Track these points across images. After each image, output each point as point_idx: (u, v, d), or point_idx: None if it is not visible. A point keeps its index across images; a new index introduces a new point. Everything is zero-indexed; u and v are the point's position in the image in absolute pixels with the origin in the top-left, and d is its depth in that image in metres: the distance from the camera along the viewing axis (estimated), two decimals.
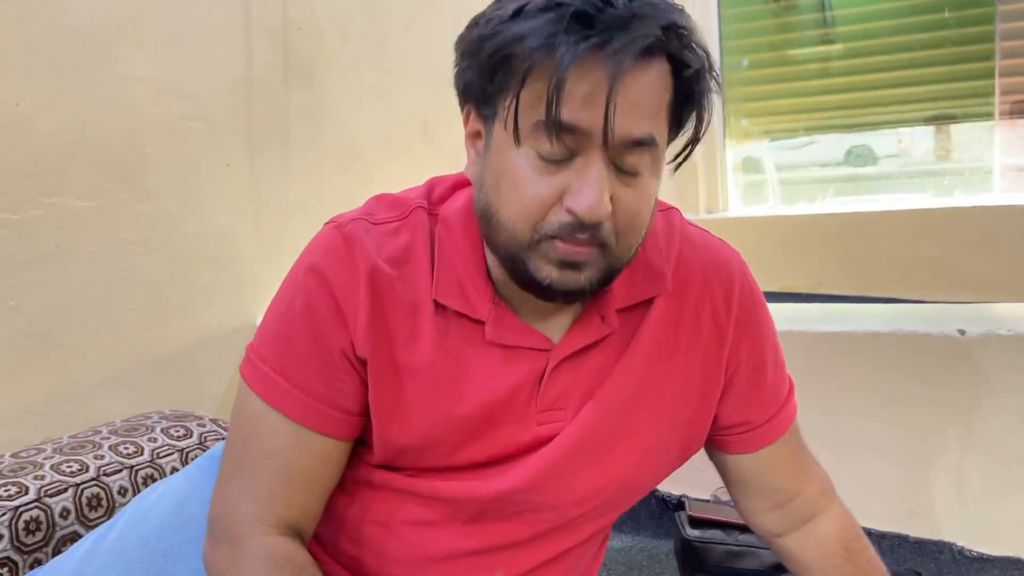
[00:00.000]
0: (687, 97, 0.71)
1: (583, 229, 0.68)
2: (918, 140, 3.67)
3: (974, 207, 3.24)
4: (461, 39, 0.73)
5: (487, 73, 0.69)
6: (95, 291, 1.49)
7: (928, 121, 3.55)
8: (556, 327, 0.80)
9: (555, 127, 0.66)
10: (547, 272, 0.70)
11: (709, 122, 0.73)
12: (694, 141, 0.73)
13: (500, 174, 0.71)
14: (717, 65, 0.72)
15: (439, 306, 0.77)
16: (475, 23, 0.72)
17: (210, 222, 1.70)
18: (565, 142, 0.67)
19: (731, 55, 3.76)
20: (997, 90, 3.29)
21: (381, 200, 0.82)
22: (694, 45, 0.69)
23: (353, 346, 0.76)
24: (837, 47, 3.61)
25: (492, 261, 0.77)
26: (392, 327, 0.77)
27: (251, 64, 1.80)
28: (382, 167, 2.13)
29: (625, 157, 0.69)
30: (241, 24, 1.77)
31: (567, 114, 0.66)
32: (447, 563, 0.82)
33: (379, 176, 2.11)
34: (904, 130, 3.65)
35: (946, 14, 3.36)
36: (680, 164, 0.74)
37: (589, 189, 0.67)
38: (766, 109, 3.80)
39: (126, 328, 1.54)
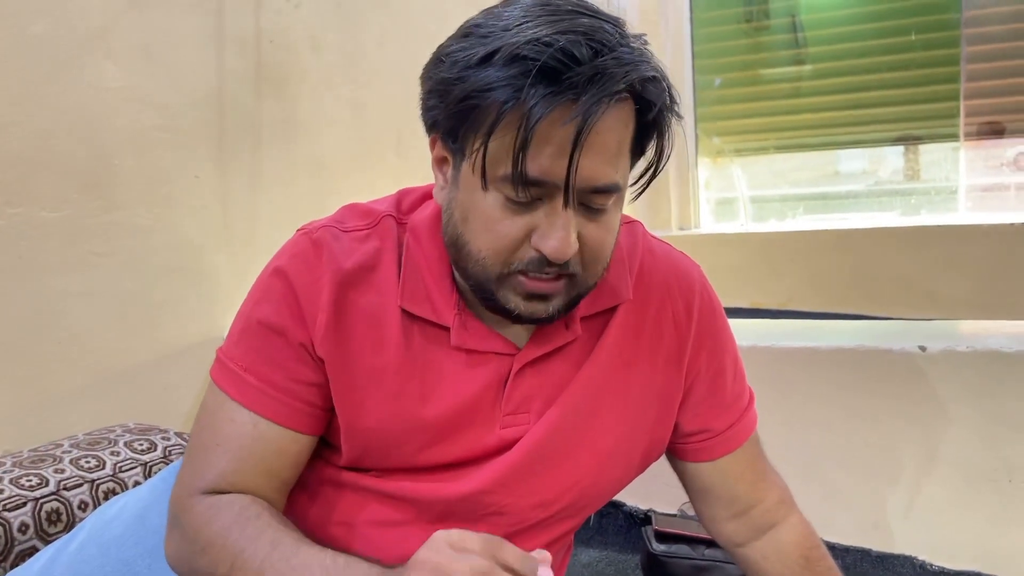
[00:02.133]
0: (649, 131, 0.74)
1: (551, 265, 0.72)
2: (886, 160, 3.73)
3: (940, 226, 3.30)
4: (427, 74, 0.75)
5: (454, 117, 0.71)
6: (60, 302, 1.47)
7: (895, 141, 3.61)
8: (520, 333, 0.82)
9: (521, 180, 0.68)
10: (515, 303, 0.74)
11: (669, 155, 0.76)
12: (655, 171, 0.76)
13: (469, 210, 0.73)
14: (678, 96, 0.75)
15: (405, 312, 0.79)
16: (441, 59, 0.73)
17: (179, 234, 1.69)
18: (531, 192, 0.70)
19: (703, 73, 3.80)
20: (962, 112, 3.36)
21: (352, 209, 0.84)
22: (659, 83, 0.71)
23: (312, 345, 0.78)
24: (808, 68, 3.66)
25: (459, 274, 0.79)
26: (355, 330, 0.79)
27: (222, 75, 1.79)
28: (354, 180, 2.13)
29: (591, 199, 0.72)
30: (213, 35, 1.77)
31: (533, 169, 0.68)
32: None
33: (351, 189, 2.10)
34: (873, 150, 3.71)
35: (913, 37, 3.42)
36: (640, 193, 0.77)
37: (556, 232, 0.70)
38: (737, 127, 3.85)
39: (91, 339, 1.52)
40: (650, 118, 0.72)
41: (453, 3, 2.51)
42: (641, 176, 0.77)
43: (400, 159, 2.25)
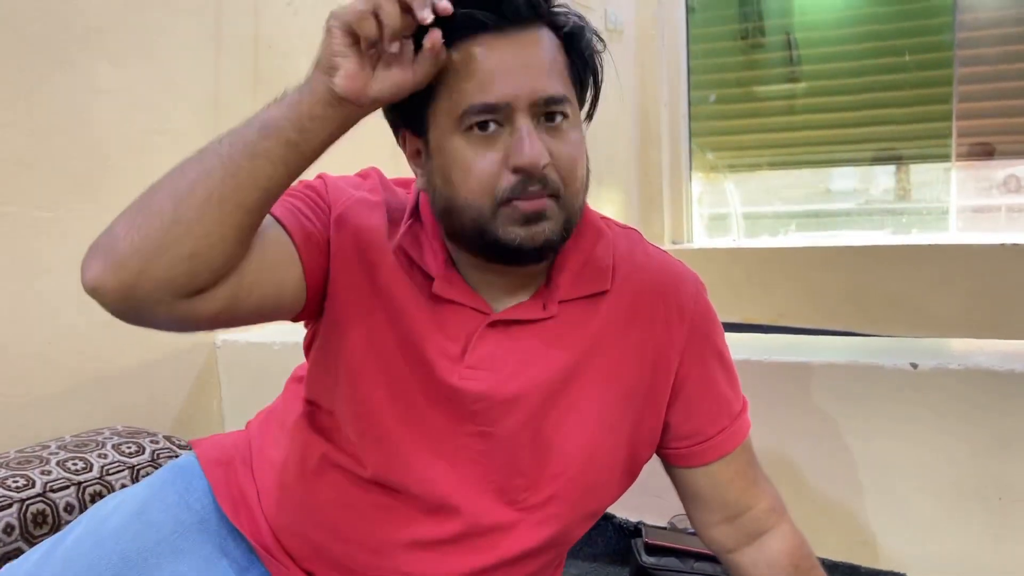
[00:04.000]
0: (578, 57, 0.81)
1: (533, 182, 0.76)
2: (876, 179, 3.76)
3: (931, 245, 3.32)
4: None
5: (405, 100, 0.76)
6: (50, 303, 1.46)
7: (887, 161, 3.64)
8: (500, 298, 0.85)
9: (476, 110, 0.75)
10: (514, 233, 0.77)
11: (602, 77, 0.84)
12: (595, 96, 0.84)
13: (447, 167, 0.78)
14: (593, 25, 0.83)
15: (398, 252, 0.84)
16: None
17: None
18: (488, 115, 0.76)
19: (699, 89, 3.83)
20: (954, 133, 3.38)
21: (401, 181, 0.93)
22: (563, 9, 0.80)
23: (327, 227, 0.84)
24: (802, 85, 3.69)
25: (451, 245, 0.84)
26: (354, 243, 0.84)
27: (219, 79, 1.79)
28: None
29: (545, 111, 0.77)
30: (211, 39, 1.77)
31: (482, 97, 0.75)
32: (410, 550, 0.85)
33: None
34: (863, 169, 3.74)
35: (907, 58, 3.46)
36: (591, 115, 0.85)
37: (525, 144, 0.75)
38: (731, 143, 3.87)
39: (82, 341, 1.51)
40: (573, 44, 0.80)
41: None
42: (589, 105, 0.84)
43: (396, 165, 2.24)
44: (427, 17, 0.69)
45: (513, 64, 0.76)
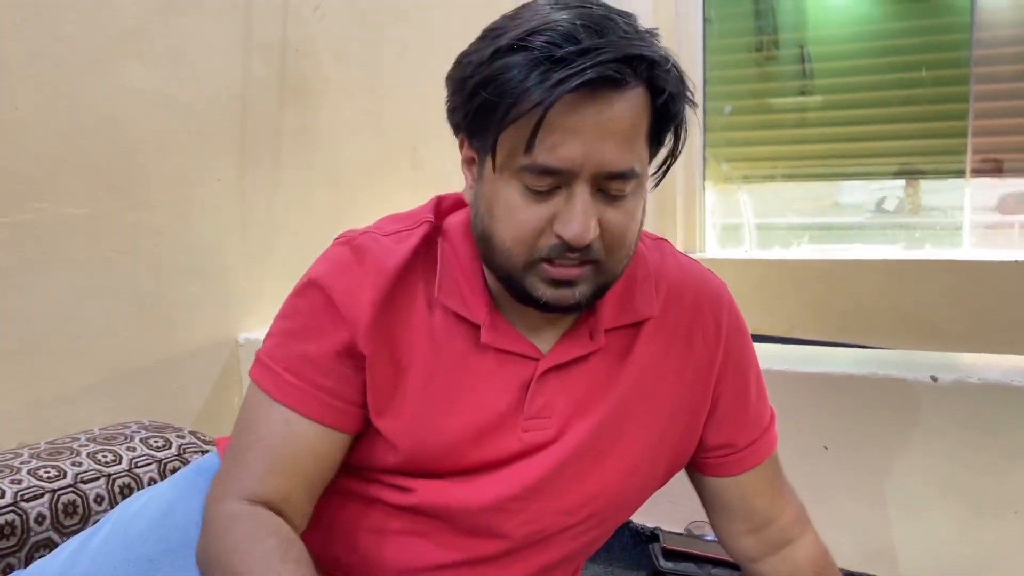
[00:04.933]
0: (664, 118, 0.75)
1: (572, 251, 0.73)
2: (891, 193, 3.76)
3: (945, 260, 3.32)
4: (449, 76, 0.77)
5: (471, 113, 0.73)
6: (80, 298, 1.49)
7: (901, 175, 3.65)
8: (545, 339, 0.83)
9: (537, 170, 0.71)
10: (542, 291, 0.75)
11: (686, 139, 0.77)
12: (672, 157, 0.78)
13: (493, 202, 0.75)
14: (692, 84, 0.76)
15: (440, 307, 0.81)
16: (459, 61, 0.76)
17: (198, 235, 1.71)
18: (548, 180, 0.72)
19: (714, 100, 3.84)
20: (969, 148, 3.39)
21: (390, 217, 0.87)
22: (667, 68, 0.72)
23: (355, 343, 0.79)
24: (816, 98, 3.70)
25: (489, 274, 0.82)
26: (395, 326, 0.80)
27: (247, 82, 1.81)
28: (370, 190, 2.15)
29: (607, 185, 0.73)
30: (240, 42, 1.79)
31: (547, 157, 0.70)
32: (442, 571, 0.84)
33: (366, 198, 2.12)
34: (878, 182, 3.74)
35: (923, 73, 3.46)
36: (660, 180, 0.79)
37: (575, 217, 0.72)
38: (745, 155, 3.88)
39: (109, 337, 1.54)
40: (662, 104, 0.73)
41: (473, 18, 2.54)
42: (660, 165, 0.79)
43: (415, 170, 2.27)
44: None
45: (590, 129, 0.70)
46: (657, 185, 0.80)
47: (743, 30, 3.82)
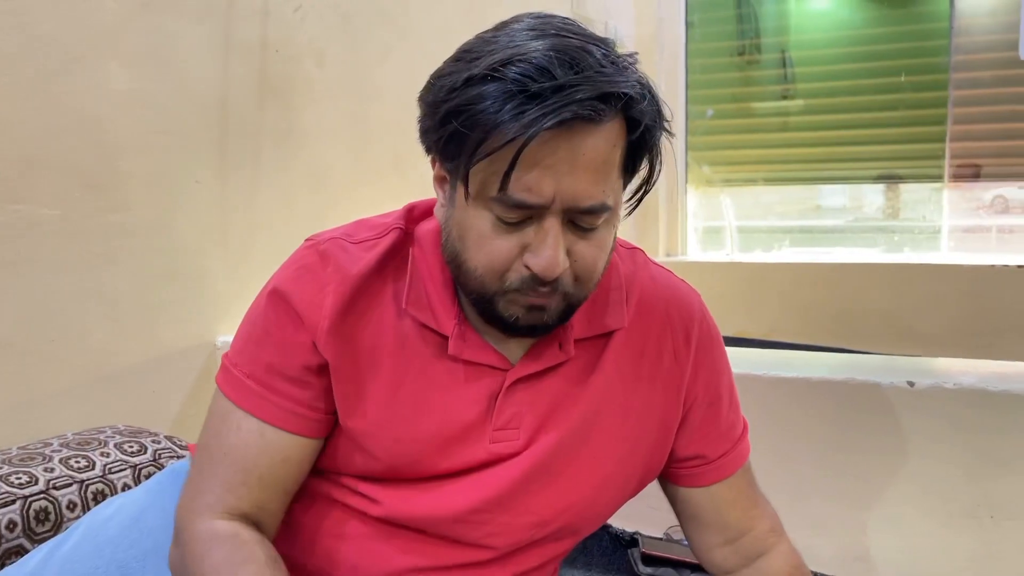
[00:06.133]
0: (640, 148, 0.74)
1: (542, 284, 0.73)
2: (869, 197, 3.80)
3: (923, 264, 3.36)
4: (421, 97, 0.76)
5: (443, 138, 0.72)
6: (55, 300, 1.47)
7: (880, 179, 3.68)
8: (515, 349, 0.83)
9: (508, 203, 0.70)
10: (512, 313, 0.76)
11: (660, 171, 0.76)
12: (646, 188, 0.77)
13: (464, 229, 0.75)
14: (669, 113, 0.75)
15: (407, 317, 0.81)
16: (432, 83, 0.75)
17: (177, 238, 1.69)
18: (519, 212, 0.71)
19: (696, 104, 3.86)
20: (947, 154, 3.42)
21: (362, 223, 0.86)
22: (644, 102, 0.71)
23: (316, 347, 0.79)
24: (797, 103, 3.73)
25: (459, 286, 0.81)
26: (357, 333, 0.80)
27: (227, 83, 1.80)
28: (351, 193, 2.14)
29: (579, 218, 0.72)
30: (220, 42, 1.78)
31: (518, 190, 0.69)
32: (416, 574, 0.84)
33: (348, 201, 2.11)
34: (853, 187, 3.77)
35: (902, 78, 3.50)
36: (633, 209, 0.78)
37: (545, 251, 0.71)
38: (727, 158, 3.91)
39: (84, 340, 1.52)
40: (637, 136, 0.72)
41: (456, 22, 2.54)
42: (634, 194, 0.78)
43: (397, 174, 2.26)
44: None
45: (562, 164, 0.69)
46: (630, 214, 0.79)
47: (725, 34, 3.84)
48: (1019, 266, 3.09)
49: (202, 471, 0.82)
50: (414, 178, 2.28)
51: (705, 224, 3.93)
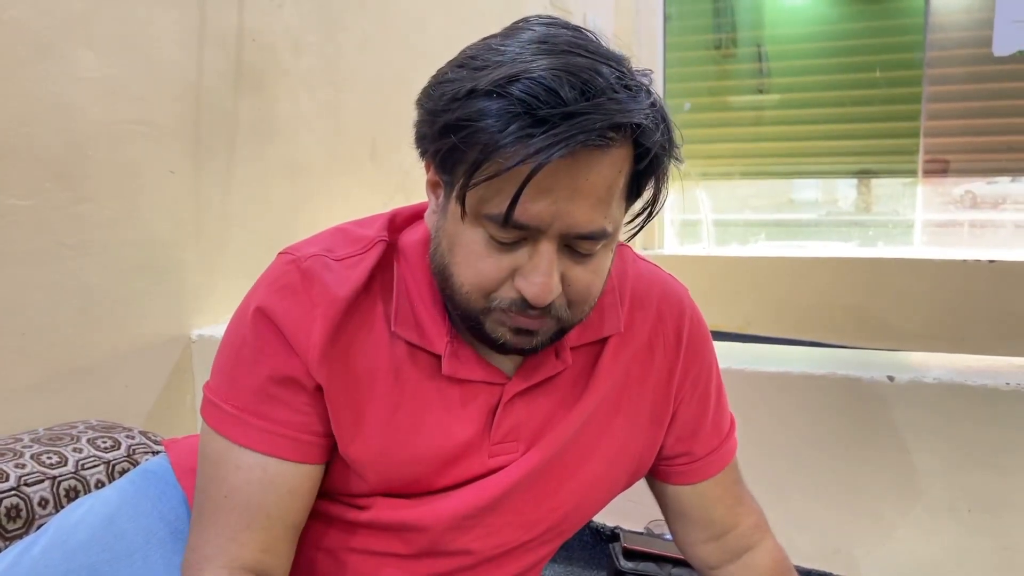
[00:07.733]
0: (645, 174, 0.71)
1: (532, 308, 0.70)
2: (843, 191, 3.83)
3: (896, 259, 3.39)
4: (420, 101, 0.72)
5: (441, 148, 0.68)
6: (24, 292, 1.43)
7: (855, 174, 3.71)
8: (510, 362, 0.81)
9: (504, 222, 0.66)
10: (500, 333, 0.72)
11: (665, 199, 0.73)
12: (649, 215, 0.74)
13: (455, 243, 0.71)
14: (680, 139, 0.72)
15: (397, 339, 0.77)
16: (433, 88, 0.71)
17: (149, 229, 1.66)
18: (514, 233, 0.68)
19: (674, 97, 3.86)
20: (921, 149, 3.46)
21: (342, 234, 0.81)
22: (657, 132, 0.68)
23: (309, 373, 0.75)
24: (773, 97, 3.75)
25: (445, 299, 0.78)
26: (349, 358, 0.76)
27: (202, 71, 1.77)
28: (328, 184, 2.11)
29: (577, 244, 0.69)
30: (194, 30, 1.75)
31: (517, 212, 0.66)
32: None
33: (324, 192, 2.09)
34: (831, 181, 3.80)
35: (877, 74, 3.53)
36: (635, 234, 0.75)
37: (538, 276, 0.68)
38: (704, 152, 3.92)
39: (54, 333, 1.48)
40: (645, 164, 0.69)
41: (433, 12, 2.51)
42: (635, 217, 0.74)
43: (374, 164, 2.24)
44: None
45: (563, 189, 0.65)
46: (631, 239, 0.76)
47: (702, 28, 3.85)
48: (991, 261, 3.13)
49: (202, 521, 0.77)
50: (390, 168, 2.25)
51: (682, 217, 3.94)
